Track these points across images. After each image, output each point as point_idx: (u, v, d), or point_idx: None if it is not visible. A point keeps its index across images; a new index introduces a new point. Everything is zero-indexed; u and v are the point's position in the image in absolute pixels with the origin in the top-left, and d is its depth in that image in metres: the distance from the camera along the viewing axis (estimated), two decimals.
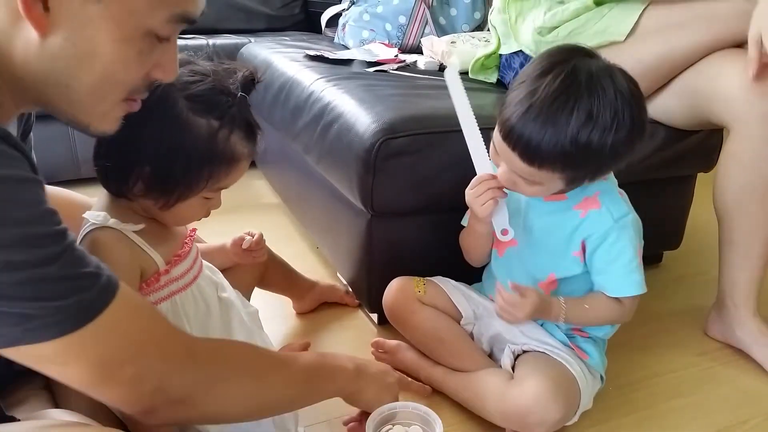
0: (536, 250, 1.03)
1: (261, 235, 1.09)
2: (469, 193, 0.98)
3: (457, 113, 0.98)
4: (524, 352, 1.03)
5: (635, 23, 1.22)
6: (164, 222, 0.88)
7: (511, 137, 0.87)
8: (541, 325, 1.06)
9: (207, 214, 0.87)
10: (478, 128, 0.97)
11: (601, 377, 1.06)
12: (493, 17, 1.49)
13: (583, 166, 0.90)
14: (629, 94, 0.86)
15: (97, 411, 0.83)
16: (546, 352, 1.01)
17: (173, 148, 0.76)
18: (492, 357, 1.11)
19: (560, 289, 1.04)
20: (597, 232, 0.97)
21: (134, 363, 0.61)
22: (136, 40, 0.59)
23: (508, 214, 1.00)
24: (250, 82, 0.82)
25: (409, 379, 1.10)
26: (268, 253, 1.20)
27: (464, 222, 1.14)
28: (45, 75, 0.58)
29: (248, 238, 1.08)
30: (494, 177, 0.96)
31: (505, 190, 0.97)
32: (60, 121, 0.64)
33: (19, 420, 0.66)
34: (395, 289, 1.15)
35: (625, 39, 1.23)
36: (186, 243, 0.90)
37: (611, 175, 1.04)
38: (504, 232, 1.00)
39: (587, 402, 1.01)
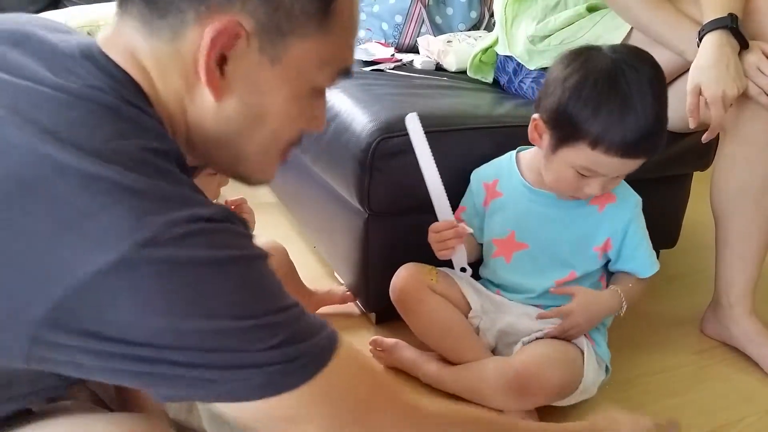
0: (554, 249, 1.04)
1: (242, 200, 1.01)
2: (432, 236, 1.06)
3: (419, 161, 1.02)
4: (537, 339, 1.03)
5: (627, 34, 1.22)
6: None
7: (634, 144, 0.93)
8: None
9: (217, 193, 0.86)
10: (439, 176, 1.02)
11: (607, 368, 1.07)
12: (494, 12, 1.50)
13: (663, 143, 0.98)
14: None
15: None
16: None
17: None
18: (495, 352, 1.11)
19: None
20: (620, 226, 1.03)
21: (362, 424, 0.58)
22: (303, 98, 0.61)
23: (512, 221, 1.08)
24: None
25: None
26: (289, 262, 1.18)
27: None
28: (217, 136, 0.59)
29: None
30: (453, 226, 1.03)
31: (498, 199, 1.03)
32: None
33: None
34: (407, 274, 1.12)
35: None
36: None
37: None
38: (462, 269, 1.08)
39: (591, 386, 1.01)
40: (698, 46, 1.08)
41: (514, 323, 1.08)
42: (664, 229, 1.57)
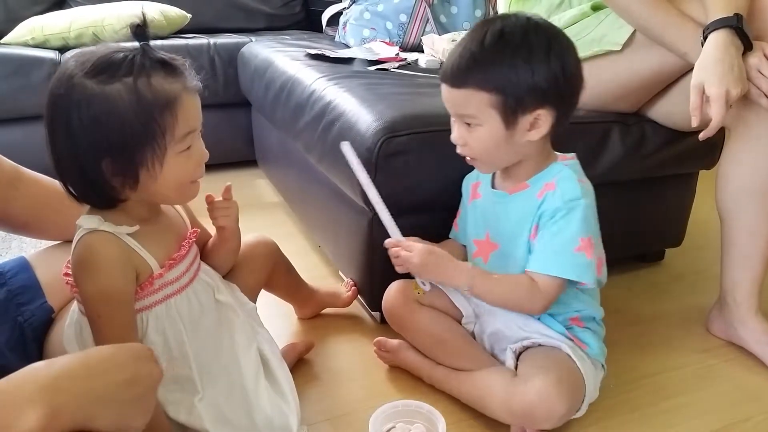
0: (516, 244, 1.03)
1: (227, 189, 0.96)
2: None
3: (361, 184, 1.03)
4: (526, 348, 1.03)
5: (632, 33, 1.21)
6: (169, 201, 0.86)
7: (443, 71, 0.97)
8: (538, 319, 1.05)
9: (200, 170, 0.83)
10: (380, 197, 1.03)
11: (603, 366, 1.06)
12: (498, 11, 1.50)
13: (500, 73, 0.92)
14: (535, 22, 0.96)
15: None
16: (546, 344, 1.01)
17: (111, 126, 0.74)
18: (493, 355, 1.10)
19: None
20: (547, 212, 0.98)
21: None
22: None
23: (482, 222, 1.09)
24: (138, 28, 0.77)
25: None
26: (279, 254, 1.18)
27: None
28: None
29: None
30: (397, 245, 1.03)
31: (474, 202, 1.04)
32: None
33: None
34: (394, 291, 1.15)
35: (622, 49, 1.23)
36: (183, 246, 0.89)
37: (575, 165, 1.03)
38: (423, 283, 1.08)
39: (593, 392, 1.01)
40: (702, 45, 1.08)
41: (502, 329, 1.08)
42: (669, 228, 1.57)
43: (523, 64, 0.92)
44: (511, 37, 0.93)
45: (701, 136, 1.10)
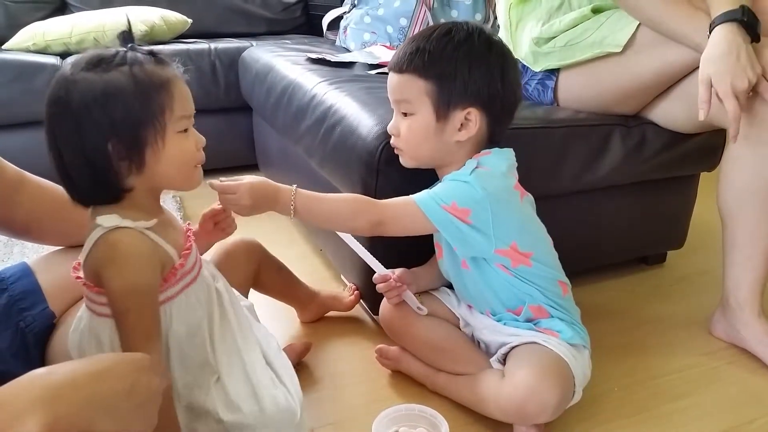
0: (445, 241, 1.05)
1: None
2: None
3: (338, 234, 1.06)
4: (511, 350, 1.02)
5: (632, 35, 1.22)
6: (175, 184, 0.86)
7: (391, 61, 1.03)
8: (504, 324, 1.05)
9: (201, 154, 0.85)
10: (356, 240, 1.08)
11: (584, 346, 1.04)
12: (498, 15, 1.50)
13: (440, 63, 0.96)
14: (481, 29, 1.01)
15: None
16: (521, 343, 1.00)
17: (113, 107, 0.76)
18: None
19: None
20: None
21: None
22: None
23: None
24: (124, 33, 0.82)
25: None
26: (262, 251, 1.19)
27: None
28: None
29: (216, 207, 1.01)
30: (386, 279, 1.11)
31: None
32: None
33: None
34: (390, 305, 1.15)
35: (622, 51, 1.23)
36: (188, 237, 0.90)
37: (488, 159, 1.01)
38: (419, 309, 1.12)
39: (582, 375, 1.00)
40: (708, 39, 1.08)
41: (481, 337, 1.09)
42: (671, 230, 1.57)
43: (463, 60, 0.96)
44: (456, 34, 0.98)
45: (731, 135, 1.10)
